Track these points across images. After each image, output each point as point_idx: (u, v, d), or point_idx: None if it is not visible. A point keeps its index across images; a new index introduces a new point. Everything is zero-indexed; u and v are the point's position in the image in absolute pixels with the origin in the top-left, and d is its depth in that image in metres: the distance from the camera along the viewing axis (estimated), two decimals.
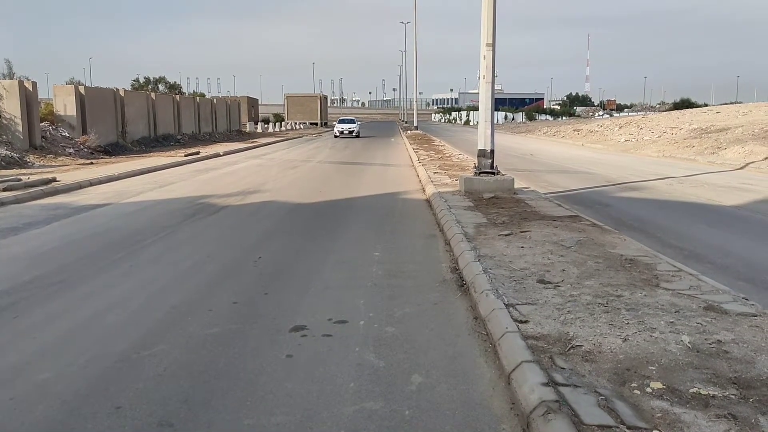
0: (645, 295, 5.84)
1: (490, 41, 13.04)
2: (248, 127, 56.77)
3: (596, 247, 7.91)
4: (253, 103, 71.66)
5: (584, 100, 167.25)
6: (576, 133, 47.07)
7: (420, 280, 7.07)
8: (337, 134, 46.90)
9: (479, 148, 13.67)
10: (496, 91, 13.69)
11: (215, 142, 38.13)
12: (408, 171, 20.42)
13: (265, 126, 63.75)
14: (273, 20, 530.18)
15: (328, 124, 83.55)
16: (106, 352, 4.91)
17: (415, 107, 66.71)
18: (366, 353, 4.89)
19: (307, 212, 12.08)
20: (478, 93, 14.17)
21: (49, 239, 9.33)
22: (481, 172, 13.54)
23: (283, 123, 71.93)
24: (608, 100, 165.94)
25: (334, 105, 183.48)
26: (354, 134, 46.67)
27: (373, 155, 28.28)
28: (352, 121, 48.73)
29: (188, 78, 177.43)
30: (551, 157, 27.73)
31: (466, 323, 5.61)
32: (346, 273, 7.39)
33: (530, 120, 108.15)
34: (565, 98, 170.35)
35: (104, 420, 3.83)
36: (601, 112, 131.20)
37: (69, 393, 4.20)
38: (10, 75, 21.64)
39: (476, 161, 14.13)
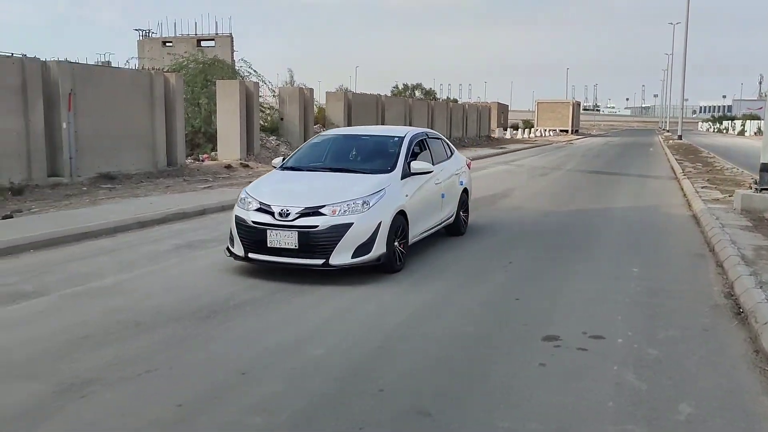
0: None
1: None
2: (497, 132, 57.15)
3: None
4: (502, 109, 72.04)
5: None
6: None
7: (686, 302, 6.46)
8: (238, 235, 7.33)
9: (762, 161, 12.08)
10: None
11: (464, 146, 39.02)
12: (670, 183, 18.82)
13: (514, 132, 63.65)
14: (526, 25, 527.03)
15: (579, 131, 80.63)
16: (366, 339, 5.28)
17: (681, 115, 61.12)
18: (625, 373, 4.59)
19: (558, 220, 11.76)
20: (757, 100, 12.55)
21: None
22: (762, 189, 11.95)
23: (531, 129, 71.13)
24: None
25: (587, 112, 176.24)
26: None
27: (629, 164, 26.60)
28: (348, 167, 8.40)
29: (441, 84, 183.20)
30: None
31: (744, 355, 4.99)
32: (600, 286, 7.04)
33: None
34: None
35: (369, 400, 4.12)
36: None
37: (339, 371, 4.59)
38: (291, 82, 24.74)
39: (757, 176, 12.52)
